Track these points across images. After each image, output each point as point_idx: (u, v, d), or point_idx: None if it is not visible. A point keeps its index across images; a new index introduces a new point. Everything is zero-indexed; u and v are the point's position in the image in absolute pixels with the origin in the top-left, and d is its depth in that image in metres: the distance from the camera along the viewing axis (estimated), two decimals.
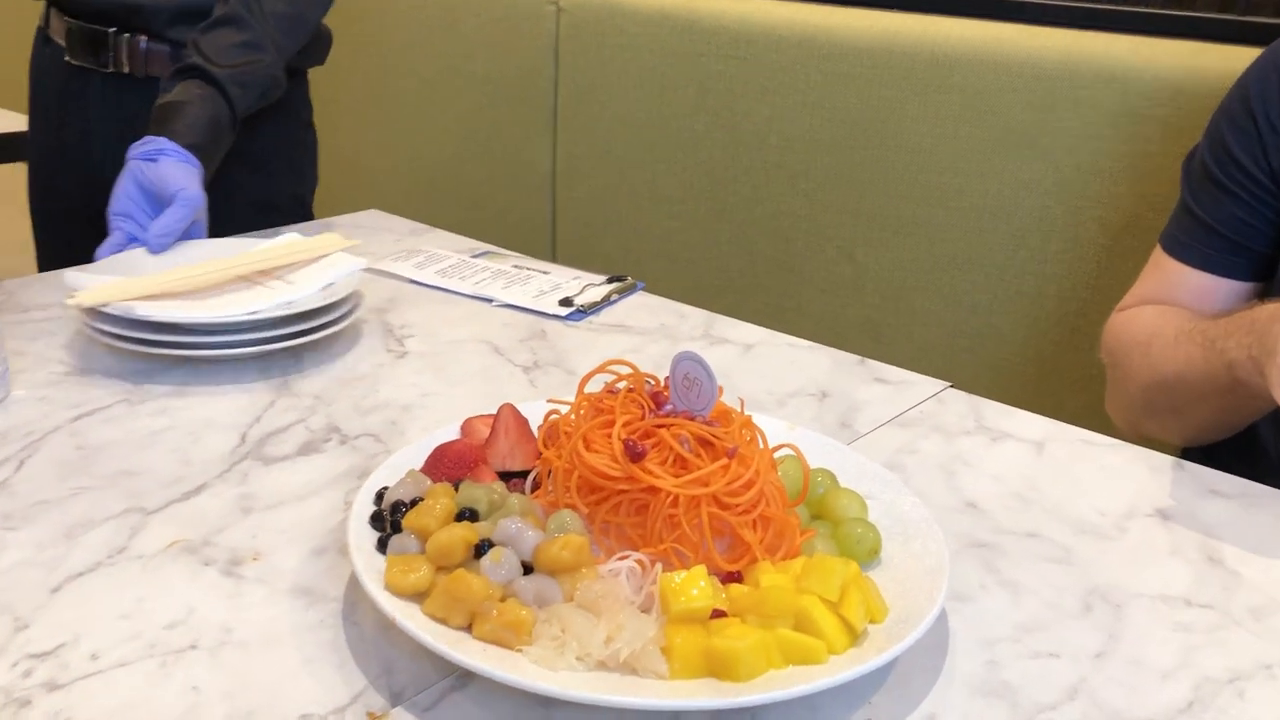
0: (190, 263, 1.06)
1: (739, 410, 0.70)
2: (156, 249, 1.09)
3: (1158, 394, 1.04)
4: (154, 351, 0.94)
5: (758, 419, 0.76)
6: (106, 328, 0.95)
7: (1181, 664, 0.66)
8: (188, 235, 1.13)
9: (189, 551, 0.71)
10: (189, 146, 1.15)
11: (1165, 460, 0.90)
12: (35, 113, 1.45)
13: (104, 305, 0.95)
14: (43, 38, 1.41)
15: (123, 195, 1.13)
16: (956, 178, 1.48)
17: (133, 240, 1.12)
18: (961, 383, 1.03)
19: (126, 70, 1.32)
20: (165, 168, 1.12)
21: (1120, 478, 0.87)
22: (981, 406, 0.97)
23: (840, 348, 1.08)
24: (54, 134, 1.41)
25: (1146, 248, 1.13)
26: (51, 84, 1.40)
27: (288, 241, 1.11)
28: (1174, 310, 1.07)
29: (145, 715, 0.57)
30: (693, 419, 0.67)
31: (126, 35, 1.31)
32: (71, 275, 1.00)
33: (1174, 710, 0.62)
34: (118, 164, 1.34)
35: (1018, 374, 1.49)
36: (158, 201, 1.12)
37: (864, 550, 0.67)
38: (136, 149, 1.15)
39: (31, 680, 0.59)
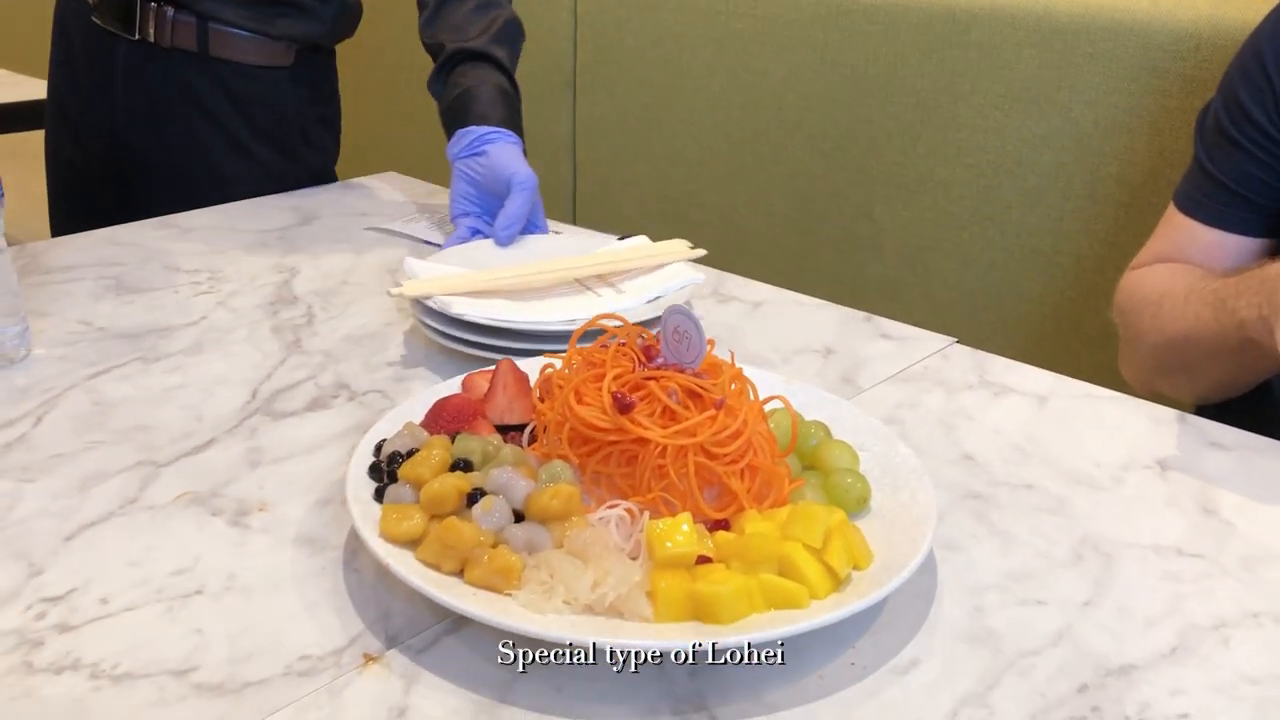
0: (531, 259, 1.04)
1: (730, 363, 0.71)
2: (505, 241, 1.09)
3: (1169, 353, 1.04)
4: (470, 352, 0.91)
5: (756, 374, 0.77)
6: (429, 322, 0.93)
7: (1169, 611, 0.66)
8: (533, 227, 1.13)
9: (198, 502, 0.74)
10: (499, 124, 1.15)
11: (1168, 413, 0.90)
12: (56, 65, 1.44)
13: (427, 298, 0.93)
14: None
15: (459, 198, 1.15)
16: (974, 134, 1.47)
17: (476, 234, 1.13)
18: (978, 340, 1.03)
19: (153, 40, 1.32)
20: (492, 156, 1.13)
21: (1121, 430, 0.87)
22: (986, 361, 0.98)
23: (858, 307, 1.09)
24: (75, 90, 1.41)
25: (1166, 204, 1.12)
26: (75, 39, 1.39)
27: (634, 245, 1.07)
28: (1185, 269, 1.06)
29: (150, 656, 0.60)
30: (683, 372, 0.68)
31: (154, 5, 1.30)
32: (411, 263, 1.00)
33: (1157, 655, 0.62)
34: (140, 129, 1.37)
35: (1035, 331, 1.49)
36: (492, 193, 1.13)
37: (852, 499, 0.68)
38: (456, 150, 1.16)
39: (44, 622, 0.62)
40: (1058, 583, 0.68)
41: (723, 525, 0.65)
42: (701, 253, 1.04)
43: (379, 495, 0.67)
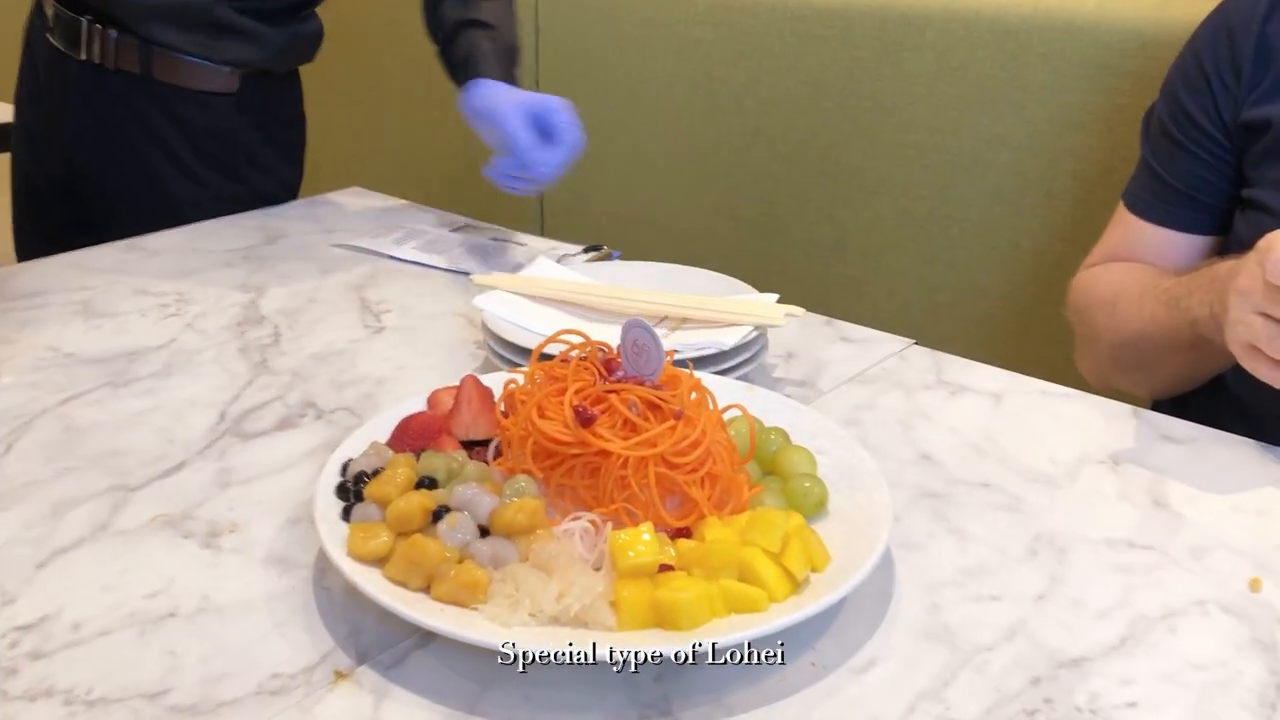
0: (626, 283, 1.06)
1: (688, 373, 0.73)
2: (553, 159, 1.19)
3: (1125, 351, 1.06)
4: (495, 362, 0.93)
5: (714, 381, 0.79)
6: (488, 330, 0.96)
7: (1119, 603, 0.68)
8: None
9: (169, 525, 0.75)
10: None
11: (1121, 408, 0.92)
12: (22, 84, 1.44)
13: (491, 289, 0.98)
14: (37, 8, 1.41)
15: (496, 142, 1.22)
16: (931, 135, 1.49)
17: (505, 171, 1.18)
18: (940, 337, 1.05)
19: (99, 61, 1.32)
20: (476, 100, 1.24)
21: (1075, 427, 0.89)
22: (943, 361, 1.00)
23: (823, 308, 1.10)
24: (37, 110, 1.41)
25: (1120, 199, 1.15)
26: (39, 59, 1.40)
27: (736, 300, 1.01)
28: (1138, 268, 1.09)
29: (124, 680, 0.61)
30: (642, 384, 0.70)
31: (99, 26, 1.30)
32: (542, 260, 1.05)
33: (1107, 647, 0.64)
34: (91, 151, 1.37)
35: (998, 328, 1.51)
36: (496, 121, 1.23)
37: (810, 504, 0.70)
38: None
39: (17, 651, 0.63)
40: (1012, 578, 0.70)
41: (684, 533, 0.67)
42: (789, 323, 0.95)
43: (346, 514, 0.68)
